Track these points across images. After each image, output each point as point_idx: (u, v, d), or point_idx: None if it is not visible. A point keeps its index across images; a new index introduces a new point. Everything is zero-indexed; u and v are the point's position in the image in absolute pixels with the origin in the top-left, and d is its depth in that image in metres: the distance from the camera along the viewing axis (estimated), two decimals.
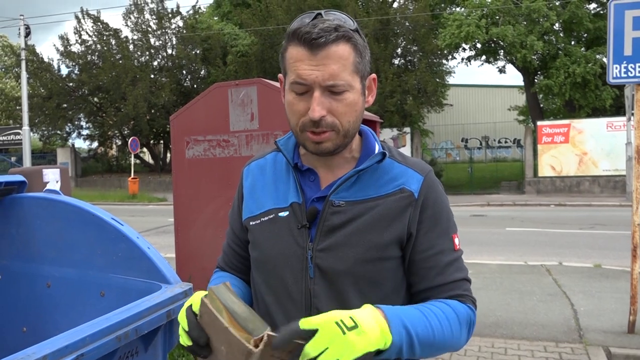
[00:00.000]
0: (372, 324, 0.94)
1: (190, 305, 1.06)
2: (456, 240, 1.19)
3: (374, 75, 1.19)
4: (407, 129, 21.69)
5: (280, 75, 1.20)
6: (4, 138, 29.87)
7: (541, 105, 22.28)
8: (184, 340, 1.04)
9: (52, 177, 2.75)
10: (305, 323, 0.91)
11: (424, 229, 1.15)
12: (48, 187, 2.45)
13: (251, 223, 1.23)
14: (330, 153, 1.14)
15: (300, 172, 1.21)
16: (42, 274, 1.82)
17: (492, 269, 7.07)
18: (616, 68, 4.48)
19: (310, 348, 0.89)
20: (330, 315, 0.92)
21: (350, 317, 0.93)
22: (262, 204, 1.22)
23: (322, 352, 0.89)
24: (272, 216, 1.19)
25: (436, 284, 1.15)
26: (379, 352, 0.96)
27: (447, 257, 1.16)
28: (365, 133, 1.25)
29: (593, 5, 20.04)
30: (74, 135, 29.62)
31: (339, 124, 1.10)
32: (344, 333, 0.90)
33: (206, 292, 1.02)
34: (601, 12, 19.65)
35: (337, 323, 0.91)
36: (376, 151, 1.20)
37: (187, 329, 1.03)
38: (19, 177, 1.91)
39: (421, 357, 1.07)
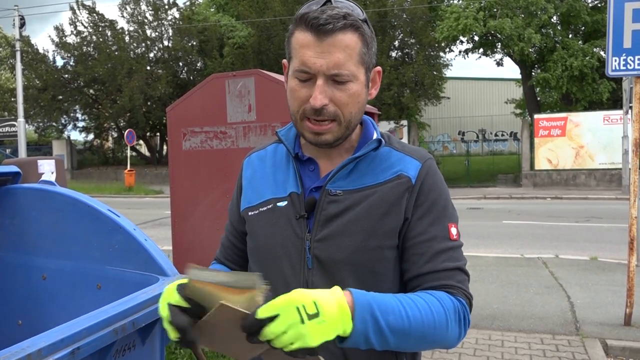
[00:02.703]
0: (333, 310, 0.91)
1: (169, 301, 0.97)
2: (453, 230, 1.14)
3: (379, 68, 1.17)
4: (404, 122, 21.68)
5: (284, 61, 1.17)
6: None
7: (538, 99, 22.28)
8: (173, 334, 0.97)
9: (47, 168, 2.72)
10: (265, 311, 0.89)
11: (417, 215, 1.12)
12: (43, 178, 2.42)
13: (249, 213, 1.22)
14: (330, 145, 1.12)
15: (300, 162, 1.20)
16: (37, 266, 1.79)
17: (489, 262, 7.08)
18: (615, 60, 4.47)
19: (269, 331, 0.88)
20: (292, 299, 0.90)
21: (314, 302, 0.90)
22: (261, 194, 1.21)
23: (279, 335, 0.88)
24: (270, 206, 1.18)
25: (425, 271, 1.10)
26: (342, 339, 0.94)
27: (439, 245, 1.11)
28: (365, 122, 1.23)
29: None
30: (70, 127, 29.56)
31: (341, 114, 1.08)
32: (302, 322, 0.88)
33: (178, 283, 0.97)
34: (599, 5, 19.61)
35: (297, 309, 0.89)
36: (373, 138, 1.19)
37: (170, 317, 0.95)
38: (14, 168, 1.88)
39: (402, 349, 1.03)
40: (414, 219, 1.12)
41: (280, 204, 1.17)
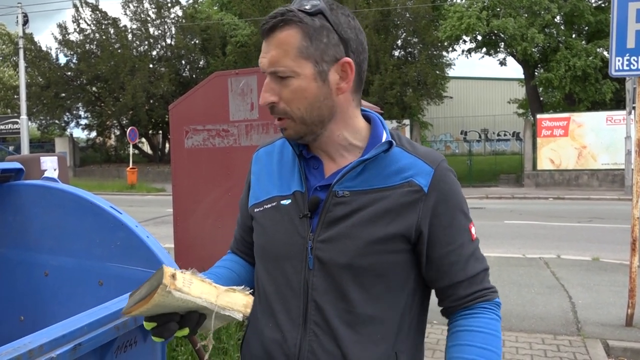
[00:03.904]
0: None
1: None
2: (472, 230, 1.17)
3: (346, 59, 1.08)
4: (407, 121, 21.67)
5: None
6: (2, 127, 29.77)
7: (541, 99, 22.23)
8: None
9: (50, 165, 2.73)
10: None
11: (441, 225, 1.11)
12: (46, 175, 2.43)
13: (255, 210, 1.22)
14: (295, 139, 1.14)
15: (305, 160, 1.19)
16: (39, 262, 1.80)
17: (491, 262, 7.01)
18: (619, 61, 4.46)
19: None
20: None
21: None
22: (267, 191, 1.21)
23: None
24: (274, 204, 1.18)
25: (460, 280, 1.14)
26: None
27: (467, 250, 1.14)
28: (374, 120, 1.20)
29: None
30: (72, 124, 29.62)
31: (290, 110, 1.09)
32: None
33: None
34: (602, 5, 19.55)
35: None
36: (383, 140, 1.16)
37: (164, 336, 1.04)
38: (16, 165, 1.89)
39: None
40: (437, 229, 1.11)
41: (284, 202, 1.16)
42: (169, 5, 26.44)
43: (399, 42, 23.35)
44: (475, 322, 1.12)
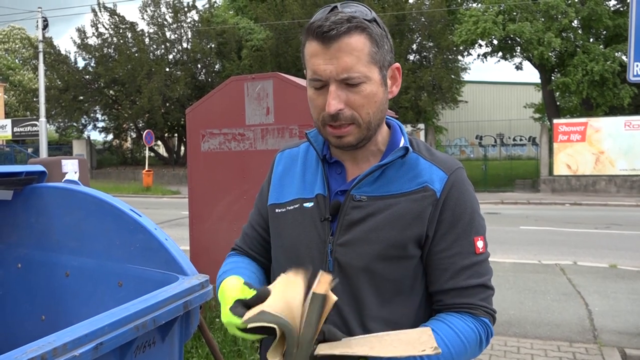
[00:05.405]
0: None
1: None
2: (479, 243, 1.15)
3: (397, 65, 1.16)
4: (421, 126, 21.60)
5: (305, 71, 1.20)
6: (21, 129, 30.29)
7: (558, 103, 21.99)
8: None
9: (70, 167, 2.80)
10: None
11: (442, 230, 1.12)
12: (67, 177, 2.48)
13: (276, 210, 1.24)
14: (353, 147, 1.13)
15: (328, 165, 1.21)
16: (61, 263, 1.83)
17: (506, 268, 7.02)
18: (637, 66, 4.41)
19: None
20: None
21: None
22: (289, 193, 1.23)
23: None
24: (297, 206, 1.20)
25: (448, 288, 1.13)
26: None
27: (463, 261, 1.12)
28: (393, 126, 1.24)
29: (613, 2, 19.66)
30: (90, 127, 30.01)
31: (359, 116, 1.09)
32: None
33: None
34: (621, 9, 19.30)
35: None
36: (401, 145, 1.18)
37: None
38: (40, 167, 1.93)
39: None
40: (438, 234, 1.12)
41: (306, 204, 1.18)
42: (186, 9, 26.71)
43: (414, 47, 23.32)
44: (451, 318, 1.11)
